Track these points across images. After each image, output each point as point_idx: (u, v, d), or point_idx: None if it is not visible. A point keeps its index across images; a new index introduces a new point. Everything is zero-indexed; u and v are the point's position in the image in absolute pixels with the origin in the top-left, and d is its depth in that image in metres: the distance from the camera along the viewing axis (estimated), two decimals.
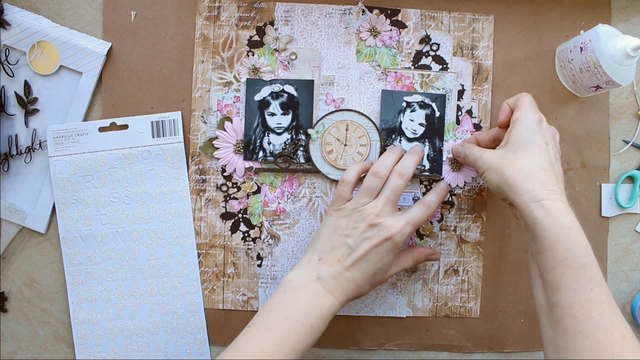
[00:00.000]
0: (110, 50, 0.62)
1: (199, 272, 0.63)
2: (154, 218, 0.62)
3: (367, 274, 0.53)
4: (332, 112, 0.62)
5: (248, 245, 0.63)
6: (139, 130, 0.61)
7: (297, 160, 0.63)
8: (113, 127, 0.61)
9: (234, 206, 0.63)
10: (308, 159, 0.62)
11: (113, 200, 0.61)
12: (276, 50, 0.62)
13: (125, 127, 0.61)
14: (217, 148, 0.62)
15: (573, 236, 0.46)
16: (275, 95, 0.62)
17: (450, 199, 0.64)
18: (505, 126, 0.57)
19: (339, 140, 0.62)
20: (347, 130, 0.62)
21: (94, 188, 0.61)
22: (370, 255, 0.53)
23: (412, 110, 0.63)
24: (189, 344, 0.63)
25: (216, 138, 0.62)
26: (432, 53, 0.63)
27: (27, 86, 0.61)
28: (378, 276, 0.54)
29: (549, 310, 0.46)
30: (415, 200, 0.63)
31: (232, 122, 0.62)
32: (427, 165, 0.63)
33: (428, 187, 0.64)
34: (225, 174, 0.63)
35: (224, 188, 0.63)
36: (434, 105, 0.63)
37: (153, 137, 0.61)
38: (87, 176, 0.61)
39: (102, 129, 0.61)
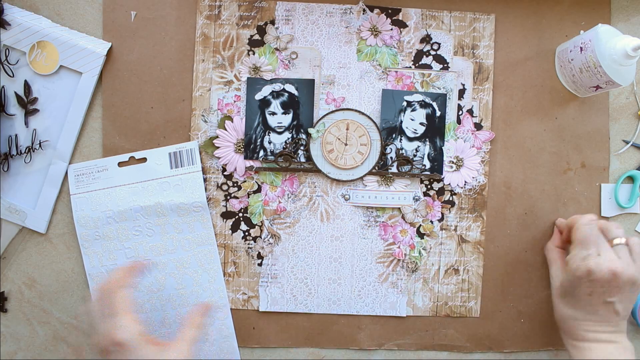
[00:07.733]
0: (110, 50, 0.61)
1: (228, 299, 0.63)
2: (177, 248, 0.62)
3: None
4: (332, 112, 0.62)
5: (248, 244, 0.63)
6: (157, 162, 0.61)
7: (298, 159, 0.63)
8: (132, 161, 0.62)
9: (235, 205, 0.63)
10: (309, 158, 0.62)
11: (136, 233, 0.61)
12: (277, 49, 0.62)
13: (143, 160, 0.62)
14: (218, 147, 0.62)
15: None
16: (276, 94, 0.62)
17: (450, 199, 0.64)
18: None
19: (339, 139, 0.62)
20: (347, 129, 0.62)
21: (115, 223, 0.61)
22: None
23: (413, 110, 0.63)
24: None
25: (217, 137, 0.62)
26: (432, 52, 0.63)
27: (27, 86, 0.61)
28: None
29: None
30: (415, 200, 0.63)
31: (232, 121, 0.62)
32: (427, 164, 0.63)
33: (428, 186, 0.64)
34: (225, 173, 0.63)
35: (225, 187, 0.63)
36: (434, 104, 0.63)
37: (171, 168, 0.61)
38: (108, 211, 0.61)
39: (121, 164, 0.62)
